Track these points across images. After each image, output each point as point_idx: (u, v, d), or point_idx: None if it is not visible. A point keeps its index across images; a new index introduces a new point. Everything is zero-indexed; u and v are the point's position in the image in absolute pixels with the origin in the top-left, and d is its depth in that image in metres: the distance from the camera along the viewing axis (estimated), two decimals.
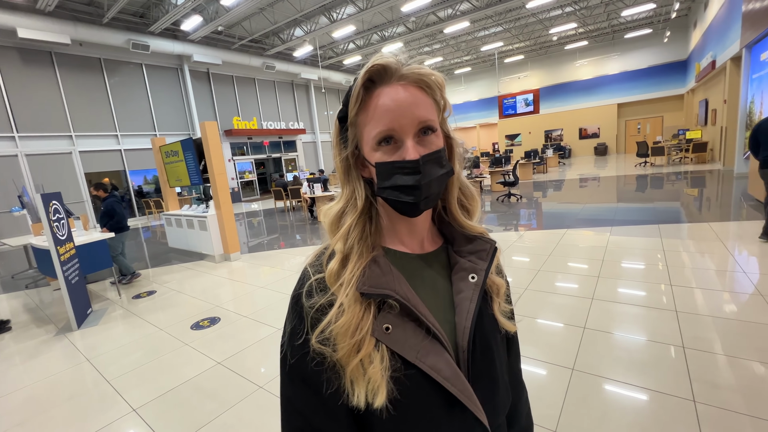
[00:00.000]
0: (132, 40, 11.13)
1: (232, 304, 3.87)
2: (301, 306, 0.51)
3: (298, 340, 0.50)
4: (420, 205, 0.50)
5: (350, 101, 0.50)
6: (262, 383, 2.36)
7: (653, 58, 18.51)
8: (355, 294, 0.48)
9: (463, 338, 0.51)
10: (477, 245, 0.57)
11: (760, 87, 7.60)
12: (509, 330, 0.59)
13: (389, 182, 0.50)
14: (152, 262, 6.28)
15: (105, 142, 11.81)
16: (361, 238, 0.52)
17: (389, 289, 0.48)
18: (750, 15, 7.72)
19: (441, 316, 0.52)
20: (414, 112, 0.48)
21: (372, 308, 0.49)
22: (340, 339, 0.47)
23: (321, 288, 0.51)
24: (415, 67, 0.49)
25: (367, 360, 0.46)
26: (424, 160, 0.48)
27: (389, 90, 0.49)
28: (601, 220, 5.80)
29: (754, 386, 1.88)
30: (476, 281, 0.54)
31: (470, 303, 0.52)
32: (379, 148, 0.50)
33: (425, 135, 0.50)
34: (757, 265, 3.47)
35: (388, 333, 0.48)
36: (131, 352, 3.00)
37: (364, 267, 0.50)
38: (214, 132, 5.52)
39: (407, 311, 0.49)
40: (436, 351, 0.48)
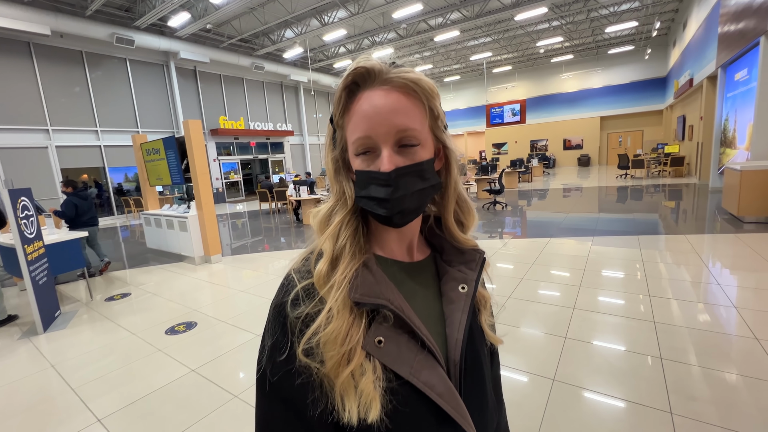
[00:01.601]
0: (116, 34, 10.85)
1: (210, 308, 3.75)
2: (285, 316, 0.47)
3: (281, 356, 0.46)
4: (393, 219, 0.47)
5: (333, 104, 0.49)
6: (237, 392, 2.28)
7: (635, 74, 19.18)
8: (345, 299, 0.45)
9: (456, 351, 0.49)
10: (467, 255, 0.55)
11: (734, 105, 7.93)
12: (495, 343, 0.58)
13: (365, 192, 0.48)
14: (129, 262, 6.06)
15: (84, 137, 11.42)
16: (354, 238, 0.49)
17: (384, 299, 0.45)
18: (725, 36, 8.08)
19: (432, 327, 0.50)
20: (392, 120, 0.45)
21: (363, 318, 0.45)
22: (329, 348, 0.43)
23: (308, 295, 0.47)
24: (402, 71, 0.46)
25: (359, 372, 0.43)
26: (398, 173, 0.45)
27: (370, 94, 0.46)
28: (584, 230, 5.90)
29: (727, 398, 1.91)
30: (467, 291, 0.52)
31: (462, 314, 0.50)
32: (359, 156, 0.48)
33: (405, 147, 0.47)
34: (731, 277, 3.58)
35: (381, 347, 0.45)
36: (100, 357, 2.86)
37: (356, 270, 0.47)
38: (197, 130, 5.39)
39: (401, 323, 0.46)
40: (430, 366, 0.46)
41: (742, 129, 7.45)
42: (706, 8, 10.14)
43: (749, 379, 2.04)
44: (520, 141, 22.50)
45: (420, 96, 0.47)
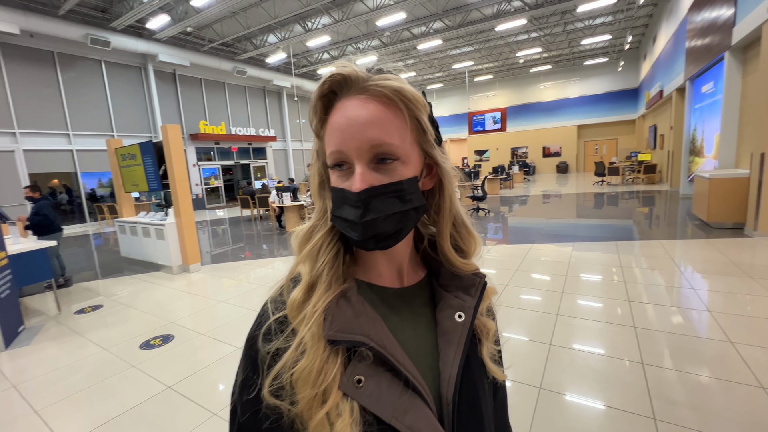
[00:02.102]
0: (91, 35, 10.48)
1: (188, 320, 3.60)
2: (256, 351, 0.43)
3: (249, 394, 0.42)
4: (366, 244, 0.43)
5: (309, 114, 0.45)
6: (216, 410, 2.18)
7: (609, 85, 19.98)
8: (318, 331, 0.41)
9: (449, 389, 0.44)
10: (465, 279, 0.50)
11: (702, 116, 8.34)
12: (498, 378, 0.52)
13: (339, 211, 0.44)
14: (101, 272, 5.79)
15: (54, 141, 10.92)
16: (333, 264, 0.45)
17: (362, 335, 0.41)
18: (692, 51, 8.51)
19: (422, 361, 0.45)
20: (366, 134, 0.40)
21: (340, 354, 0.41)
22: (301, 387, 0.39)
23: (281, 328, 0.43)
24: (382, 79, 0.42)
25: (335, 413, 0.38)
26: (368, 194, 0.41)
27: (345, 104, 0.42)
28: (564, 236, 6.03)
29: (706, 402, 1.96)
30: (464, 321, 0.47)
31: (457, 347, 0.46)
32: (335, 170, 0.44)
33: (383, 163, 0.42)
34: (703, 281, 3.71)
35: (360, 387, 0.40)
36: (67, 375, 2.69)
37: (332, 301, 0.42)
38: (176, 135, 5.23)
39: (383, 360, 0.41)
40: (416, 407, 0.41)
41: (709, 139, 7.83)
42: (674, 24, 10.68)
43: (726, 382, 2.10)
44: (501, 148, 22.98)
45: (403, 107, 0.42)
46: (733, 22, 6.01)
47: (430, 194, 0.50)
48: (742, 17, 5.66)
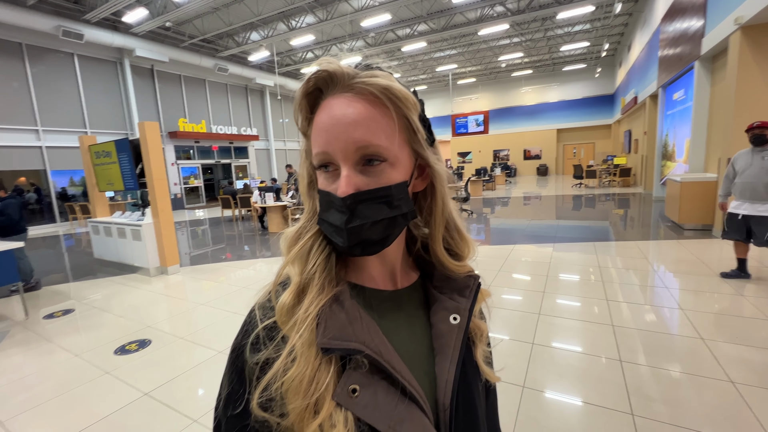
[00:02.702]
0: (63, 27, 10.03)
1: (166, 324, 3.48)
2: (243, 362, 0.41)
3: (236, 408, 0.40)
4: (352, 250, 0.41)
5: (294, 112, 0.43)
6: (197, 416, 2.11)
7: (587, 91, 20.64)
8: (310, 338, 0.38)
9: (446, 395, 0.43)
10: (459, 281, 0.49)
11: (673, 122, 8.71)
12: (492, 380, 0.51)
13: (325, 215, 0.42)
14: (73, 274, 5.54)
15: (21, 137, 10.38)
16: (325, 267, 0.43)
17: (358, 342, 0.39)
18: (665, 59, 8.88)
19: (418, 366, 0.44)
20: (351, 135, 0.38)
21: (334, 362, 0.39)
22: (292, 397, 0.36)
23: (270, 336, 0.41)
24: (369, 75, 0.40)
25: (328, 424, 0.36)
26: (354, 199, 0.39)
27: (330, 103, 0.40)
28: (545, 237, 6.17)
29: (680, 397, 2.03)
30: (459, 323, 0.46)
31: (453, 350, 0.44)
32: (322, 171, 0.42)
33: (370, 165, 0.40)
34: (673, 280, 3.87)
35: (355, 396, 0.38)
36: (35, 384, 2.55)
37: (324, 305, 0.40)
38: (154, 133, 5.06)
39: (379, 368, 0.40)
40: (413, 416, 0.39)
41: (680, 144, 8.18)
42: (648, 33, 11.12)
43: (698, 378, 2.19)
44: (483, 150, 23.35)
45: (391, 106, 0.40)
46: (702, 33, 6.30)
47: (422, 196, 0.49)
48: (711, 28, 5.95)
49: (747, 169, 3.54)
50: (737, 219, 3.61)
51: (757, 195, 3.49)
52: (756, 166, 3.49)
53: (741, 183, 3.58)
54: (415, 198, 0.49)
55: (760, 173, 3.46)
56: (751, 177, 3.50)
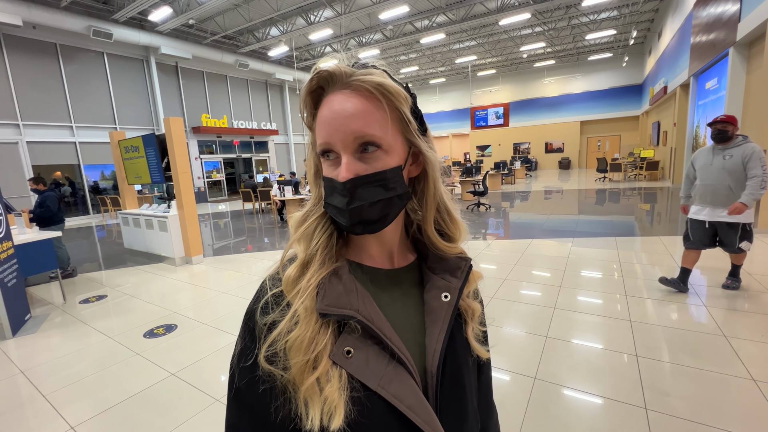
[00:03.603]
0: (93, 27, 10.46)
1: (191, 311, 3.66)
2: (254, 323, 0.47)
3: (247, 361, 0.46)
4: (355, 228, 0.47)
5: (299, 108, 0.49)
6: (219, 396, 2.23)
7: (613, 81, 19.82)
8: (311, 304, 0.44)
9: (433, 362, 0.47)
10: (452, 263, 0.53)
11: (705, 113, 8.30)
12: (481, 356, 0.55)
13: (329, 199, 0.47)
14: (105, 263, 5.86)
15: (57, 133, 10.97)
16: (327, 246, 0.49)
17: (351, 309, 0.44)
18: (697, 47, 8.44)
19: (410, 337, 0.49)
20: (350, 126, 0.43)
21: (331, 326, 0.45)
22: (293, 354, 0.42)
23: (277, 302, 0.47)
24: (364, 74, 0.44)
25: (324, 378, 0.42)
26: (353, 183, 0.44)
27: (332, 98, 0.45)
28: (564, 232, 6.05)
29: (697, 393, 2.00)
30: (449, 300, 0.51)
31: (442, 324, 0.49)
32: (326, 160, 0.47)
33: (367, 152, 0.45)
34: (701, 277, 3.74)
35: (349, 357, 0.44)
36: (73, 363, 2.75)
37: (324, 278, 0.46)
38: (179, 128, 5.26)
39: (370, 333, 0.45)
40: (401, 377, 0.44)
41: None
42: (680, 19, 10.58)
43: (718, 374, 2.14)
44: (503, 144, 22.89)
45: (384, 100, 0.45)
46: (738, 17, 5.96)
47: (416, 181, 0.53)
48: (747, 13, 5.62)
49: (707, 170, 3.11)
50: (702, 226, 3.18)
51: (717, 199, 3.05)
52: (716, 167, 3.05)
53: (701, 185, 3.16)
54: (411, 183, 0.53)
55: (721, 175, 3.02)
56: (711, 179, 3.07)
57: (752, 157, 2.88)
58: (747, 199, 2.88)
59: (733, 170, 2.96)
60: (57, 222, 5.10)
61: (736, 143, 3.00)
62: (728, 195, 3.00)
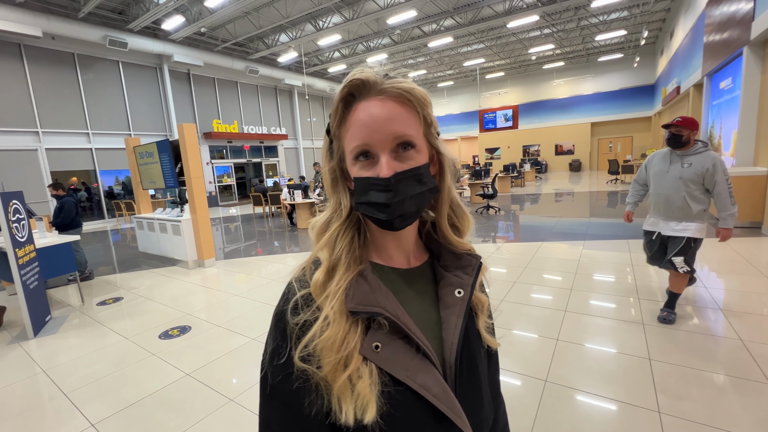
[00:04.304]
0: (109, 37, 10.78)
1: (204, 313, 3.73)
2: (285, 323, 0.50)
3: (280, 360, 0.49)
4: (394, 222, 0.49)
5: (331, 115, 0.51)
6: (232, 396, 2.28)
7: (624, 81, 19.56)
8: (341, 307, 0.47)
9: (451, 354, 0.51)
10: (463, 261, 0.57)
11: (719, 113, 8.14)
12: (492, 346, 0.59)
13: (364, 198, 0.50)
14: (120, 266, 6.00)
15: (75, 140, 11.29)
16: (350, 249, 0.52)
17: (379, 307, 0.48)
18: (710, 46, 8.31)
19: (429, 331, 0.52)
20: (389, 128, 0.47)
21: (360, 324, 0.48)
22: (326, 354, 0.45)
23: (307, 303, 0.50)
24: (396, 81, 0.49)
25: (356, 375, 0.45)
26: (396, 178, 0.48)
27: (367, 104, 0.48)
28: (575, 234, 5.99)
29: (713, 397, 1.97)
30: (462, 296, 0.54)
31: (457, 318, 0.52)
32: (357, 162, 0.50)
33: (404, 151, 0.49)
34: (717, 281, 3.67)
35: (378, 352, 0.47)
36: (92, 362, 2.84)
37: (351, 280, 0.49)
38: (192, 134, 5.38)
39: (397, 329, 0.48)
40: (426, 369, 0.48)
41: (727, 136, 7.65)
42: (692, 18, 10.43)
43: (734, 379, 2.10)
44: (512, 146, 22.75)
45: (414, 104, 0.49)
46: (752, 16, 5.86)
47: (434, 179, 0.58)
48: (762, 11, 5.52)
49: (662, 177, 2.76)
50: (649, 237, 2.97)
51: (671, 211, 2.72)
52: (673, 175, 2.68)
53: (654, 194, 2.83)
54: None
55: (677, 184, 2.65)
56: (666, 188, 2.72)
57: (716, 170, 2.53)
58: (728, 223, 2.59)
59: (690, 180, 2.61)
60: (75, 226, 5.25)
61: (696, 150, 2.63)
62: (682, 207, 2.66)
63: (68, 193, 5.32)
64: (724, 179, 2.53)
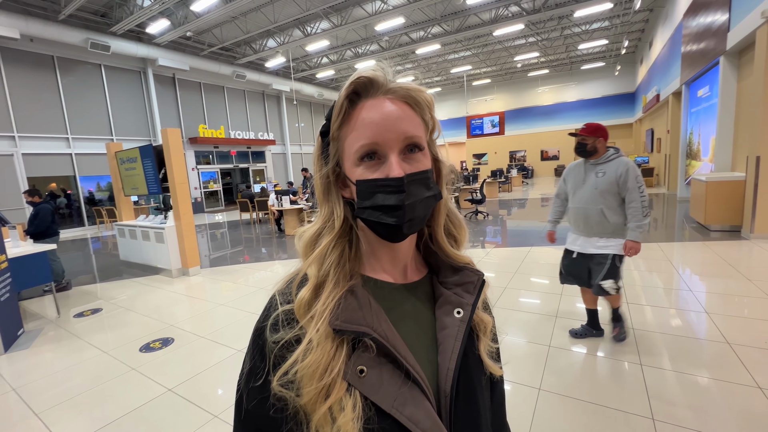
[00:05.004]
0: (91, 40, 10.52)
1: (188, 323, 3.60)
2: (263, 341, 0.45)
3: (256, 381, 0.44)
4: (403, 227, 0.45)
5: (333, 114, 0.46)
6: (217, 412, 2.18)
7: (606, 89, 20.13)
8: (327, 329, 0.42)
9: (446, 382, 0.45)
10: (464, 277, 0.52)
11: (698, 120, 8.41)
12: (495, 373, 0.53)
13: (370, 201, 0.45)
14: (100, 276, 5.78)
15: (53, 145, 10.92)
16: (339, 263, 0.47)
17: (366, 326, 0.43)
18: (688, 55, 8.60)
19: (423, 355, 0.47)
20: (400, 126, 0.45)
21: (345, 347, 0.43)
22: (307, 381, 0.40)
23: (288, 321, 0.45)
24: (404, 83, 0.47)
25: (337, 407, 0.40)
26: (409, 178, 0.44)
27: (375, 102, 0.45)
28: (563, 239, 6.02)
29: (704, 402, 1.97)
30: (462, 317, 0.49)
31: (455, 341, 0.47)
32: (361, 163, 0.45)
33: (412, 153, 0.46)
34: (700, 284, 3.74)
35: (363, 377, 0.42)
36: (67, 379, 2.69)
37: (340, 297, 0.44)
38: (176, 139, 5.25)
39: (385, 351, 0.43)
40: (416, 399, 0.42)
41: (705, 142, 7.89)
42: (670, 29, 10.80)
43: (723, 382, 2.12)
44: (499, 152, 23.07)
45: (422, 107, 0.48)
46: (727, 27, 6.09)
47: None
48: (737, 23, 5.74)
49: (579, 190, 2.56)
50: (569, 256, 2.83)
51: (590, 227, 2.52)
52: (588, 186, 2.49)
53: (572, 209, 2.65)
54: None
55: (593, 196, 2.46)
56: (584, 201, 2.51)
57: (628, 176, 2.34)
58: (635, 235, 2.36)
59: (605, 191, 2.41)
60: (51, 234, 5.04)
61: (608, 158, 2.44)
62: (600, 222, 2.46)
63: (44, 199, 5.10)
64: (636, 186, 2.34)
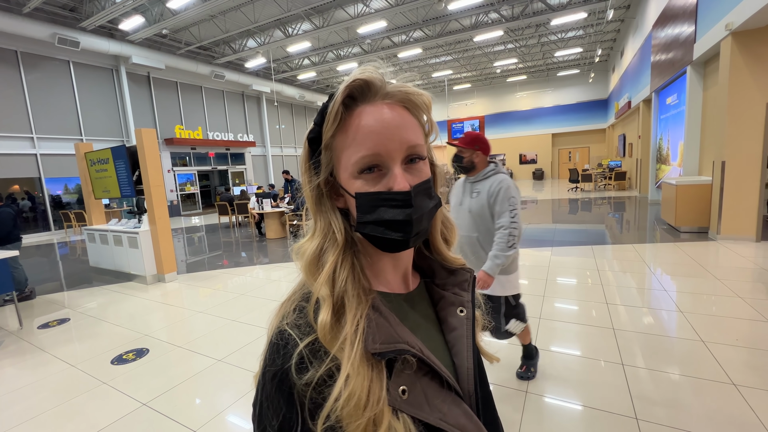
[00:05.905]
0: (58, 35, 10.02)
1: (164, 333, 3.44)
2: (290, 386, 0.38)
3: None
4: (410, 242, 0.43)
5: (326, 120, 0.41)
6: (196, 427, 2.08)
7: (581, 95, 20.86)
8: (362, 354, 0.37)
9: (469, 382, 0.46)
10: (458, 276, 0.52)
11: (667, 126, 8.81)
12: (490, 361, 0.57)
13: (372, 216, 0.42)
14: (68, 283, 5.47)
15: (16, 145, 10.31)
16: (354, 278, 0.42)
17: (404, 343, 0.40)
18: (657, 65, 9.01)
19: (440, 359, 0.45)
20: (402, 136, 0.42)
21: (382, 369, 0.39)
22: (351, 417, 0.35)
23: (314, 355, 0.39)
24: (401, 85, 0.44)
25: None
26: (415, 191, 0.42)
27: (373, 109, 0.41)
28: (543, 241, 6.18)
29: (682, 399, 2.03)
30: (466, 314, 0.50)
31: (467, 340, 0.48)
32: (360, 176, 0.42)
33: (413, 163, 0.43)
34: (674, 284, 3.88)
35: (405, 398, 0.39)
36: (30, 395, 2.50)
37: (367, 316, 0.40)
38: (151, 140, 5.05)
39: (420, 366, 0.42)
40: (456, 405, 0.43)
41: (674, 147, 8.27)
42: (640, 39, 11.29)
43: (699, 380, 2.19)
44: None
45: (421, 111, 0.45)
46: (693, 38, 6.40)
47: None
48: (702, 34, 6.05)
49: (457, 213, 2.12)
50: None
51: (470, 261, 2.03)
52: (464, 208, 2.08)
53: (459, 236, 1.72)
54: None
55: (468, 222, 2.05)
56: (463, 228, 2.07)
57: (498, 196, 1.93)
58: (490, 266, 1.88)
59: (479, 214, 2.00)
60: (13, 240, 4.73)
61: (485, 174, 2.04)
62: (475, 252, 2.03)
63: (5, 203, 4.78)
64: (507, 209, 1.90)
